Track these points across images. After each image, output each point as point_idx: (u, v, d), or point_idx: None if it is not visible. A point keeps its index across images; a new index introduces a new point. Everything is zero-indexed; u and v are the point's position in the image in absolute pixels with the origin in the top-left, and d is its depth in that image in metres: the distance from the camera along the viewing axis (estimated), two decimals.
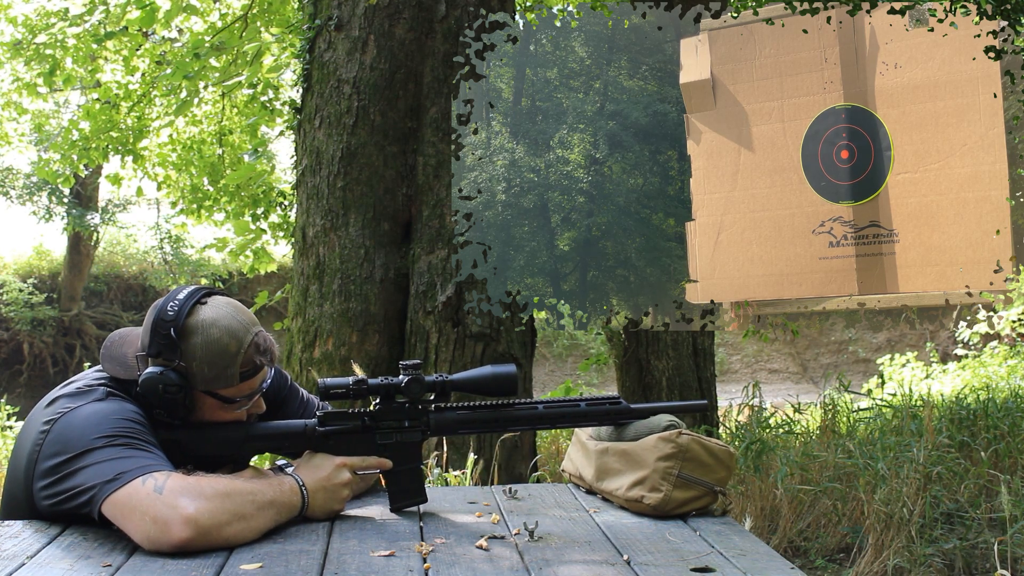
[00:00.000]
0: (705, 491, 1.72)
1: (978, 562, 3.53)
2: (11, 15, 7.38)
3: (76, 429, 1.57)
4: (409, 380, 1.74)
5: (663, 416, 1.79)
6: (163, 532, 1.45)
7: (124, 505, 1.48)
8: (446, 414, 1.78)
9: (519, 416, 1.80)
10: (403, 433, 1.77)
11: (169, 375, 1.66)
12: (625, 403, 1.83)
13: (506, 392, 1.77)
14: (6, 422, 6.20)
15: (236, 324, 1.71)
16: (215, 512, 1.48)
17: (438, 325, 4.29)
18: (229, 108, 7.92)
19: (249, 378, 1.73)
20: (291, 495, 1.63)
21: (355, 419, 1.76)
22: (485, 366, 1.80)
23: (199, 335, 1.68)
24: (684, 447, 1.71)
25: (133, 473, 1.50)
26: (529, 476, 4.12)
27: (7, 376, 13.81)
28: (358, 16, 4.54)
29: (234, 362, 1.69)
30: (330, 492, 1.68)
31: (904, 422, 4.56)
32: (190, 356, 1.67)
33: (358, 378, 1.72)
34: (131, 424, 1.60)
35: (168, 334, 1.66)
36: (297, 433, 1.75)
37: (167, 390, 1.66)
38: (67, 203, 13.83)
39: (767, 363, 16.04)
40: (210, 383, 1.69)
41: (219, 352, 1.68)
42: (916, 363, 10.75)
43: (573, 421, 1.82)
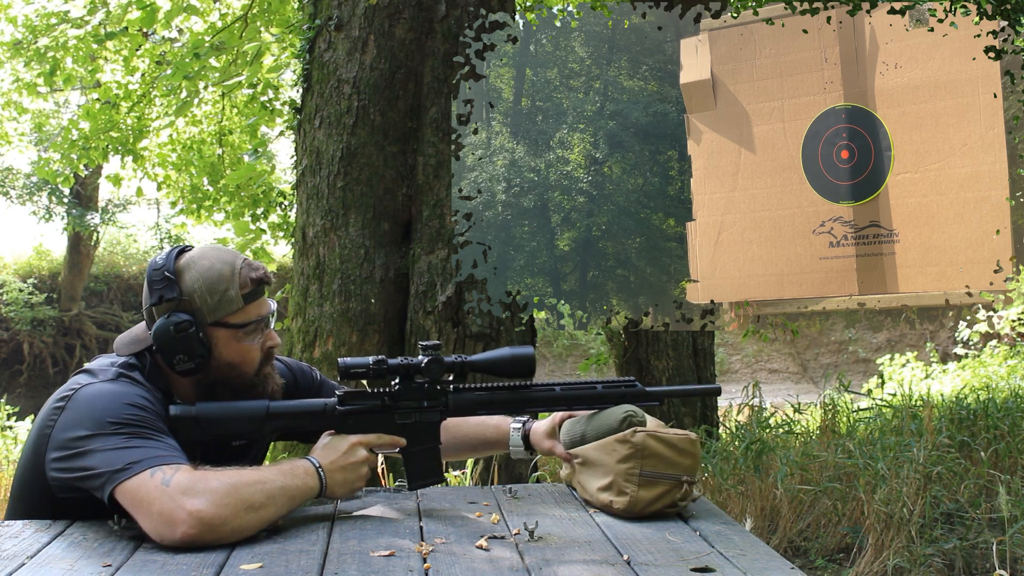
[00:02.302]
0: (672, 484, 1.70)
1: (978, 562, 3.53)
2: (11, 15, 7.38)
3: (87, 408, 1.60)
4: (429, 360, 1.75)
5: (618, 409, 1.78)
6: (168, 527, 1.47)
7: (132, 496, 1.50)
8: (465, 395, 1.80)
9: (537, 398, 1.82)
10: (422, 413, 1.78)
11: (177, 314, 1.70)
12: (640, 386, 1.84)
13: (524, 373, 1.79)
14: (6, 422, 6.20)
15: (223, 252, 1.78)
16: (221, 506, 1.49)
17: (438, 325, 4.30)
18: (229, 108, 7.92)
19: (252, 300, 1.76)
20: (305, 478, 1.64)
21: (375, 399, 1.78)
22: (504, 347, 1.82)
23: (192, 269, 1.73)
24: (641, 445, 1.70)
25: (142, 464, 1.52)
26: (529, 476, 4.12)
27: (7, 376, 13.80)
28: (358, 16, 4.54)
29: (232, 283, 1.73)
30: (348, 470, 1.70)
31: (904, 422, 4.56)
32: (190, 289, 1.72)
33: (378, 358, 1.74)
34: (140, 412, 1.61)
35: (163, 276, 1.72)
36: (317, 411, 1.77)
37: (179, 329, 1.69)
38: (67, 203, 13.83)
39: (767, 363, 16.04)
40: (216, 311, 1.73)
41: (216, 278, 1.73)
42: (916, 363, 10.76)
43: (590, 403, 1.82)
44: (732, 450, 4.38)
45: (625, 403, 1.81)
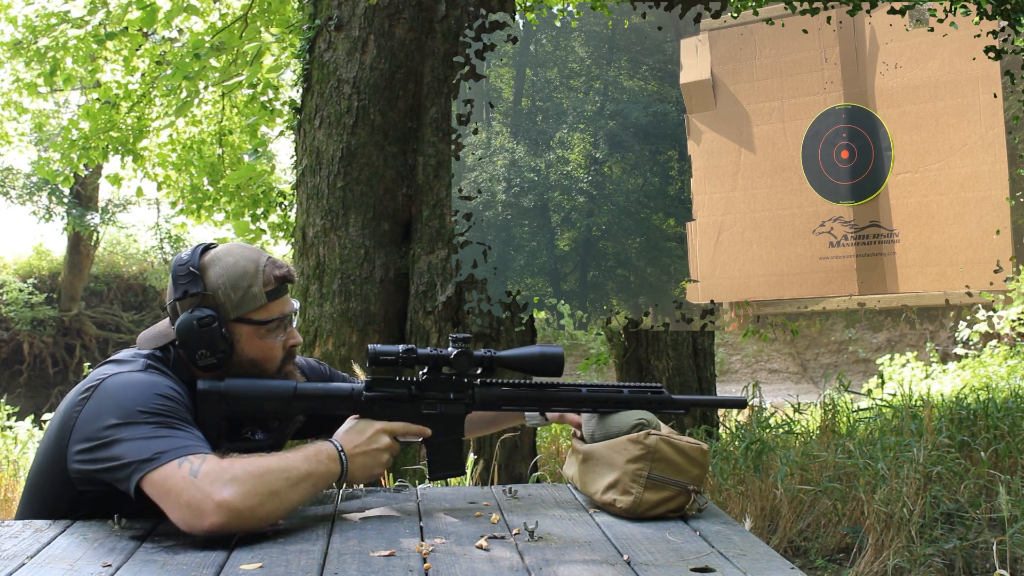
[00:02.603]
0: (678, 491, 1.71)
1: (978, 562, 3.53)
2: (11, 15, 7.38)
3: (115, 397, 1.60)
4: (458, 353, 1.76)
5: (632, 413, 1.78)
6: (197, 517, 1.47)
7: (160, 487, 1.51)
8: (491, 389, 1.81)
9: (562, 397, 1.82)
10: (448, 405, 1.79)
11: (200, 310, 1.71)
12: (667, 393, 1.85)
13: (552, 372, 1.80)
14: (6, 422, 6.20)
15: (247, 250, 1.79)
16: (248, 495, 1.50)
17: (438, 325, 4.30)
18: (229, 108, 7.92)
19: (275, 297, 1.77)
20: (328, 463, 1.65)
21: (402, 387, 1.78)
22: (534, 345, 1.82)
23: (216, 265, 1.75)
24: (652, 448, 1.70)
25: (169, 455, 1.52)
26: (529, 476, 4.12)
27: (7, 376, 13.81)
28: (358, 16, 4.54)
29: (256, 280, 1.75)
30: (370, 456, 1.71)
31: (904, 422, 4.56)
32: (214, 285, 1.73)
33: (408, 347, 1.75)
34: (168, 402, 1.62)
35: (188, 272, 1.73)
36: (344, 395, 1.77)
37: (202, 323, 1.70)
38: (67, 203, 13.83)
39: (767, 363, 16.04)
40: (240, 307, 1.74)
41: (240, 274, 1.74)
42: (916, 363, 10.76)
43: (616, 406, 1.83)
44: (732, 450, 4.38)
45: (650, 409, 1.82)
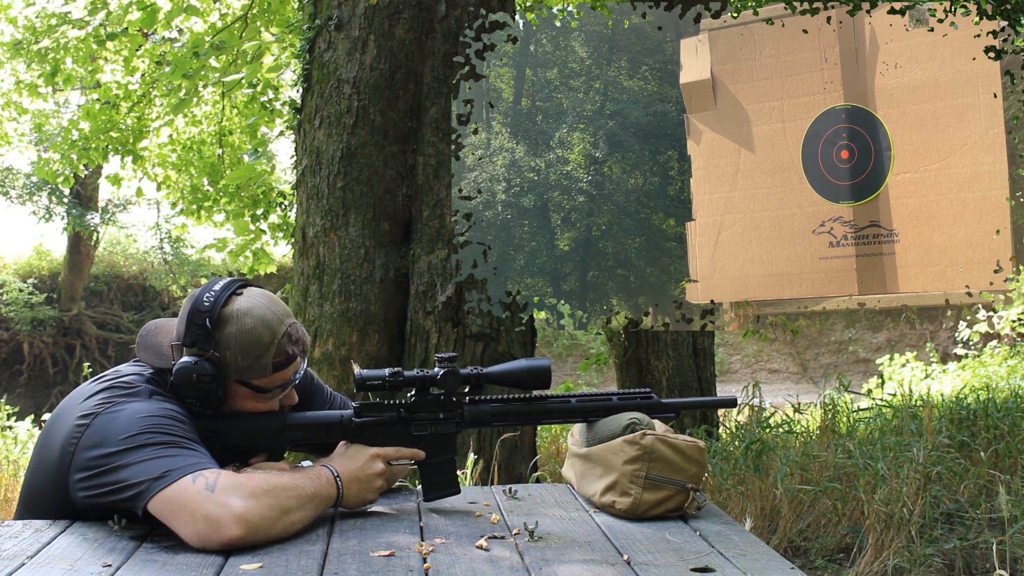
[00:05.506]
0: (677, 490, 1.71)
1: (978, 562, 3.53)
2: (11, 15, 7.38)
3: (120, 424, 1.57)
4: (445, 372, 1.76)
5: (623, 415, 1.78)
6: (214, 530, 1.46)
7: (174, 503, 1.48)
8: (480, 406, 1.81)
9: (552, 409, 1.83)
10: (438, 425, 1.79)
11: (203, 365, 1.67)
12: (656, 397, 1.84)
13: (540, 385, 1.80)
14: (6, 422, 6.20)
15: (270, 314, 1.72)
16: (264, 510, 1.49)
17: (438, 325, 4.30)
18: (229, 108, 7.91)
19: (282, 368, 1.74)
20: (328, 487, 1.65)
21: (391, 410, 1.78)
22: (520, 359, 1.82)
23: (234, 324, 1.69)
24: (649, 448, 1.70)
25: (182, 471, 1.50)
26: (529, 476, 4.11)
27: (7, 376, 13.80)
28: (358, 16, 4.54)
29: (267, 352, 1.70)
30: (364, 483, 1.70)
31: (904, 422, 4.56)
32: (224, 346, 1.69)
33: (394, 370, 1.74)
34: (175, 423, 1.60)
35: (204, 324, 1.68)
36: (334, 423, 1.77)
37: (201, 379, 1.67)
38: (67, 203, 13.82)
39: (767, 363, 16.04)
40: (243, 373, 1.70)
41: (253, 342, 1.69)
42: (916, 363, 10.76)
43: (606, 414, 1.83)
44: (732, 450, 4.38)
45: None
